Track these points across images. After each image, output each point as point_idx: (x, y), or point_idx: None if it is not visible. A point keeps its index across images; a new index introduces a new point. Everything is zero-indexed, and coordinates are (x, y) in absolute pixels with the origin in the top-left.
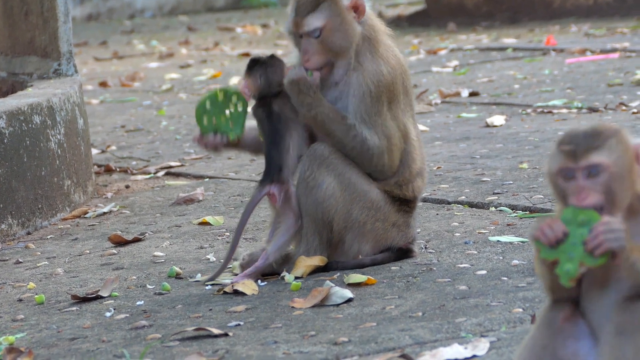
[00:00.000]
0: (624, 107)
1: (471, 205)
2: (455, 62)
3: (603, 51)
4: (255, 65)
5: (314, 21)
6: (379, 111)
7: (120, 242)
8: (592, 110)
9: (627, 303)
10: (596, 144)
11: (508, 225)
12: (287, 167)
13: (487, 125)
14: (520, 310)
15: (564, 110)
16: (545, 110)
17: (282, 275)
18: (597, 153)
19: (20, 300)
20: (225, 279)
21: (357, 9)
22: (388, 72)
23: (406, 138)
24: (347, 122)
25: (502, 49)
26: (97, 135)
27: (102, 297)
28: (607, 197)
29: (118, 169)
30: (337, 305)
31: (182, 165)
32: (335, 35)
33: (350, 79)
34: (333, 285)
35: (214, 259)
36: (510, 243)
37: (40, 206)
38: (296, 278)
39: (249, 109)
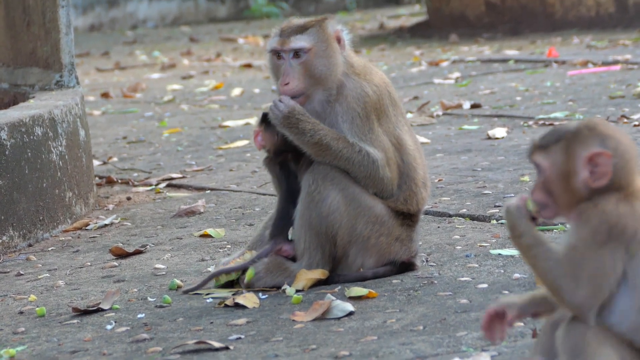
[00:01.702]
0: (625, 120)
1: (472, 218)
2: (457, 74)
3: (605, 63)
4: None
5: (302, 42)
6: (371, 129)
7: (121, 255)
8: None
9: (568, 324)
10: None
11: (509, 238)
12: None
13: (489, 138)
14: (521, 324)
15: (566, 123)
16: (547, 123)
17: (283, 288)
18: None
19: (21, 312)
20: (224, 292)
21: (339, 42)
22: (373, 91)
23: (402, 149)
24: (349, 141)
25: (504, 60)
26: (99, 147)
27: (103, 310)
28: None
29: (119, 181)
30: (338, 318)
31: (183, 177)
32: (319, 60)
33: (335, 108)
34: (334, 298)
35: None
36: (512, 256)
37: (41, 218)
38: (297, 291)
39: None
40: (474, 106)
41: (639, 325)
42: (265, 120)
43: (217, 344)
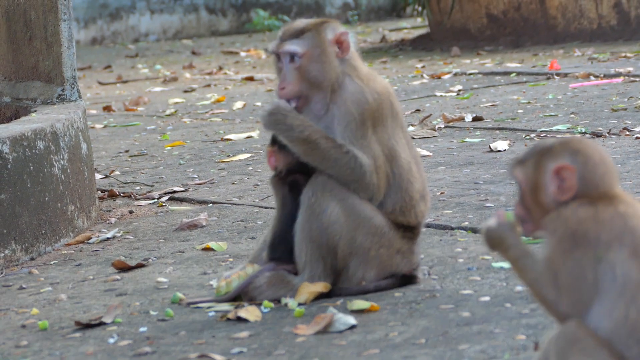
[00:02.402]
0: (627, 132)
1: (474, 231)
2: (458, 87)
3: (607, 76)
4: None
5: (295, 46)
6: (364, 134)
7: (123, 268)
8: (596, 135)
9: (562, 328)
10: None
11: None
12: None
13: (491, 150)
14: (524, 337)
15: (568, 135)
16: (549, 135)
17: (285, 301)
18: None
19: (23, 326)
20: (226, 305)
21: (342, 45)
22: (374, 99)
23: (394, 161)
24: (338, 142)
25: (506, 73)
26: (101, 160)
27: (105, 324)
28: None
29: (122, 194)
30: (341, 331)
31: (185, 191)
32: (313, 65)
33: (332, 110)
34: (336, 311)
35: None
36: None
37: (43, 232)
38: (299, 304)
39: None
40: (475, 119)
41: (613, 331)
42: (277, 139)
43: (219, 358)
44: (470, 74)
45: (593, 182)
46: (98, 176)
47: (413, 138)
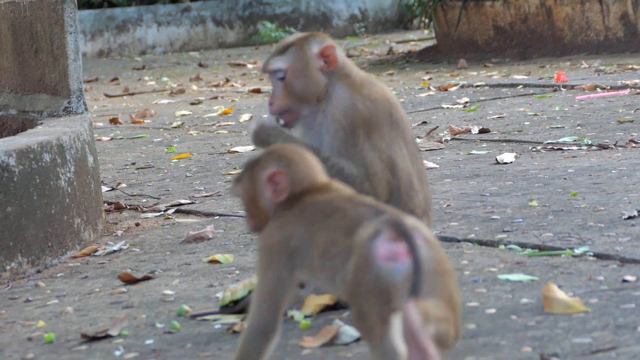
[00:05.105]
0: (633, 144)
1: (480, 243)
2: (465, 99)
3: (613, 88)
4: None
5: (278, 63)
6: (354, 143)
7: (130, 281)
8: (602, 147)
9: None
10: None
11: (517, 263)
12: None
13: (497, 163)
14: (529, 349)
15: (574, 147)
16: (556, 147)
17: (291, 314)
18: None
19: (29, 339)
20: (232, 318)
21: (328, 58)
22: (366, 106)
23: (393, 171)
24: (322, 155)
25: (513, 85)
26: (108, 173)
27: (111, 336)
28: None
29: (128, 207)
30: (347, 344)
31: (192, 203)
32: (296, 80)
33: (321, 121)
34: (342, 324)
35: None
36: (520, 281)
37: (50, 244)
38: (306, 317)
39: None
40: (482, 131)
41: None
42: None
43: None
44: (477, 86)
45: (299, 178)
46: (104, 189)
47: (419, 150)
